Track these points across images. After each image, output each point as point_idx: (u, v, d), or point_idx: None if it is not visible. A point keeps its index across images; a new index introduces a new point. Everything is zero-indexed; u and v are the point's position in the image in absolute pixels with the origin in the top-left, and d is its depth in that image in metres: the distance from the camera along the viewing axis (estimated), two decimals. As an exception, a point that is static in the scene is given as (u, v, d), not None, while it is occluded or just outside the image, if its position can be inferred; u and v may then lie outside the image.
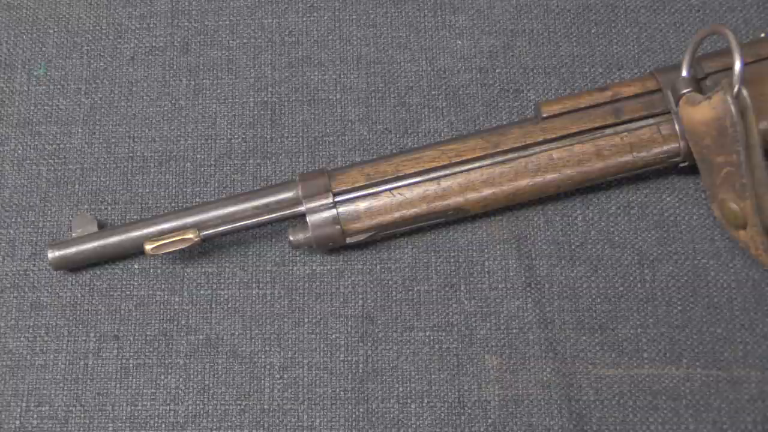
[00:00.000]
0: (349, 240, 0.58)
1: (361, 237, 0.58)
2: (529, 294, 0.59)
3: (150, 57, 0.67)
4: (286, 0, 0.68)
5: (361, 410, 0.58)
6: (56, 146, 0.65)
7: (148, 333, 0.60)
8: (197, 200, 0.63)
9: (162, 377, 0.59)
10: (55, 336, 0.60)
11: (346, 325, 0.60)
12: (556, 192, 0.59)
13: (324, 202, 0.57)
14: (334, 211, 0.57)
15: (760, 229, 0.55)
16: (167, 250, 0.57)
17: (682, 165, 0.58)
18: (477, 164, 0.58)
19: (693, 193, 0.61)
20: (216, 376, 0.59)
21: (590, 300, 0.59)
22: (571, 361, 0.58)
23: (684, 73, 0.57)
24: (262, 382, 0.59)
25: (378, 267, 0.61)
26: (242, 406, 0.58)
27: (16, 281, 0.61)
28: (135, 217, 0.63)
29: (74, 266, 0.60)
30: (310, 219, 0.57)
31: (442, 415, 0.57)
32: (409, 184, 0.58)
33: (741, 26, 0.65)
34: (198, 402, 0.58)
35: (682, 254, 0.60)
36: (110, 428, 0.58)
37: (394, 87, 0.65)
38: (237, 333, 0.60)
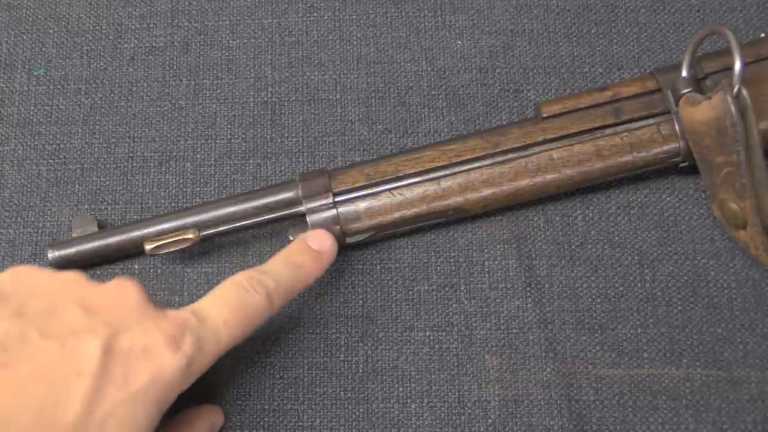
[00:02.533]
0: (349, 240, 0.58)
1: (361, 237, 0.58)
2: (529, 294, 0.59)
3: (150, 57, 0.67)
4: (286, 0, 0.68)
5: (361, 410, 0.58)
6: (56, 146, 0.65)
7: (148, 333, 0.60)
8: (197, 200, 0.63)
9: (162, 377, 0.59)
10: (55, 336, 0.60)
11: (347, 325, 0.60)
12: (556, 192, 0.59)
13: (324, 202, 0.57)
14: (334, 211, 0.57)
15: (760, 229, 0.55)
16: (167, 250, 0.57)
17: (682, 165, 0.58)
18: (477, 164, 0.58)
19: (693, 193, 0.61)
20: (216, 376, 0.59)
21: (590, 300, 0.59)
22: (571, 361, 0.58)
23: (684, 73, 0.57)
24: (262, 382, 0.59)
25: (378, 267, 0.61)
26: (242, 406, 0.58)
27: (16, 281, 0.61)
28: (135, 217, 0.63)
29: (74, 266, 0.60)
30: (310, 219, 0.57)
31: (442, 415, 0.57)
32: (409, 184, 0.58)
33: (741, 26, 0.65)
34: (198, 402, 0.58)
35: (682, 254, 0.60)
36: (110, 428, 0.58)
37: (394, 87, 0.65)
38: (237, 333, 0.60)
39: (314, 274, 0.53)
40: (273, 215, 0.58)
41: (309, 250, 0.54)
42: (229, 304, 0.48)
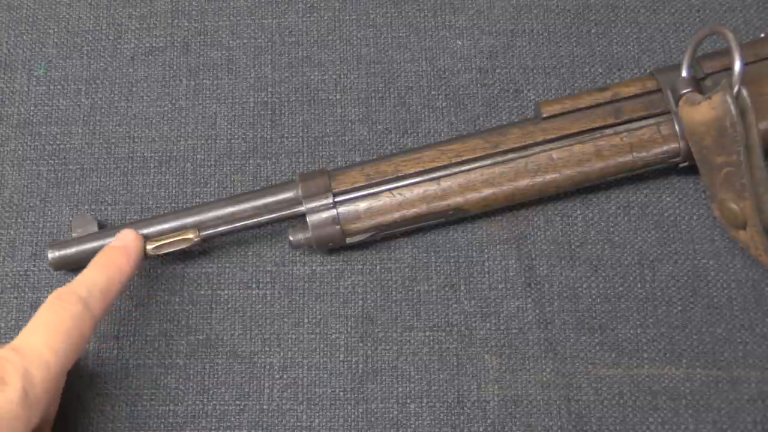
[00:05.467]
0: (349, 240, 0.58)
1: (361, 237, 0.58)
2: (529, 294, 0.59)
3: (150, 57, 0.67)
4: (286, 0, 0.68)
5: (360, 410, 0.58)
6: (56, 147, 0.65)
7: (148, 333, 0.60)
8: (197, 200, 0.63)
9: (162, 377, 0.59)
10: (55, 336, 0.60)
11: (346, 325, 0.60)
12: (556, 192, 0.59)
13: (324, 202, 0.57)
14: (334, 212, 0.57)
15: (760, 229, 0.55)
16: (167, 250, 0.57)
17: (682, 165, 0.58)
18: (477, 164, 0.58)
19: (693, 193, 0.61)
20: (215, 376, 0.59)
21: (590, 300, 0.59)
22: (571, 361, 0.58)
23: (684, 73, 0.57)
24: (262, 382, 0.59)
25: (378, 267, 0.61)
26: (241, 407, 0.58)
27: (17, 282, 0.61)
28: (135, 217, 0.63)
29: (74, 266, 0.60)
30: (310, 219, 0.57)
31: (442, 415, 0.57)
32: (409, 185, 0.58)
33: (741, 26, 0.64)
34: (197, 402, 0.58)
35: (682, 254, 0.60)
36: (110, 428, 0.58)
37: (394, 87, 0.65)
38: (237, 333, 0.60)
39: (125, 268, 0.54)
40: (273, 215, 0.58)
41: (112, 248, 0.56)
42: (47, 326, 0.49)
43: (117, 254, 0.55)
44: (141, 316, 0.60)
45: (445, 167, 0.58)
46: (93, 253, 0.58)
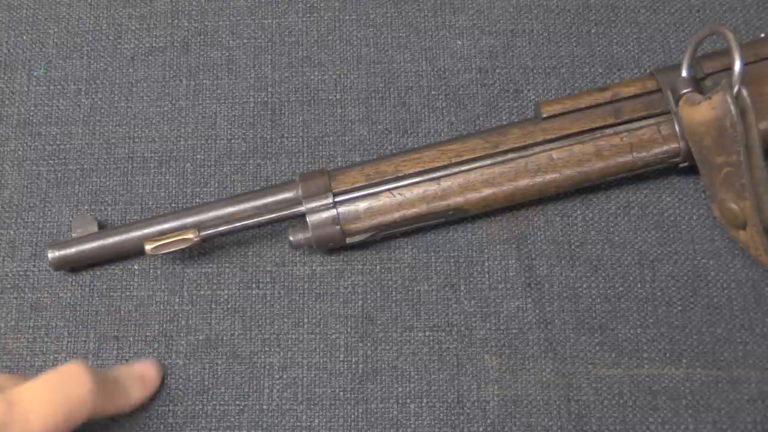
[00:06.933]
0: (349, 240, 0.58)
1: (361, 237, 0.58)
2: (529, 294, 0.59)
3: (150, 57, 0.67)
4: (286, 0, 0.68)
5: (360, 410, 0.58)
6: (56, 147, 0.65)
7: (147, 334, 0.60)
8: (197, 200, 0.63)
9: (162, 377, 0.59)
10: (55, 337, 0.60)
11: (346, 325, 0.60)
12: (556, 192, 0.59)
13: (324, 202, 0.57)
14: (333, 212, 0.57)
15: (760, 229, 0.55)
16: (167, 250, 0.57)
17: (682, 165, 0.58)
18: (477, 164, 0.58)
19: (693, 193, 0.61)
20: (215, 376, 0.59)
21: (590, 300, 0.59)
22: (571, 361, 0.58)
23: (684, 73, 0.57)
24: (262, 382, 0.59)
25: (378, 267, 0.61)
26: (241, 407, 0.58)
27: (16, 282, 0.61)
28: (135, 217, 0.63)
29: (74, 267, 0.60)
30: (310, 219, 0.57)
31: (441, 415, 0.57)
32: (409, 185, 0.58)
33: (741, 26, 0.64)
34: (197, 402, 0.58)
35: (682, 254, 0.60)
36: (110, 428, 0.58)
37: (394, 87, 0.65)
38: (237, 333, 0.60)
39: (138, 397, 0.56)
40: (273, 215, 0.58)
41: (145, 387, 0.57)
42: (49, 395, 0.48)
43: (141, 389, 0.57)
44: (141, 316, 0.60)
45: (445, 167, 0.58)
46: (93, 253, 0.59)
